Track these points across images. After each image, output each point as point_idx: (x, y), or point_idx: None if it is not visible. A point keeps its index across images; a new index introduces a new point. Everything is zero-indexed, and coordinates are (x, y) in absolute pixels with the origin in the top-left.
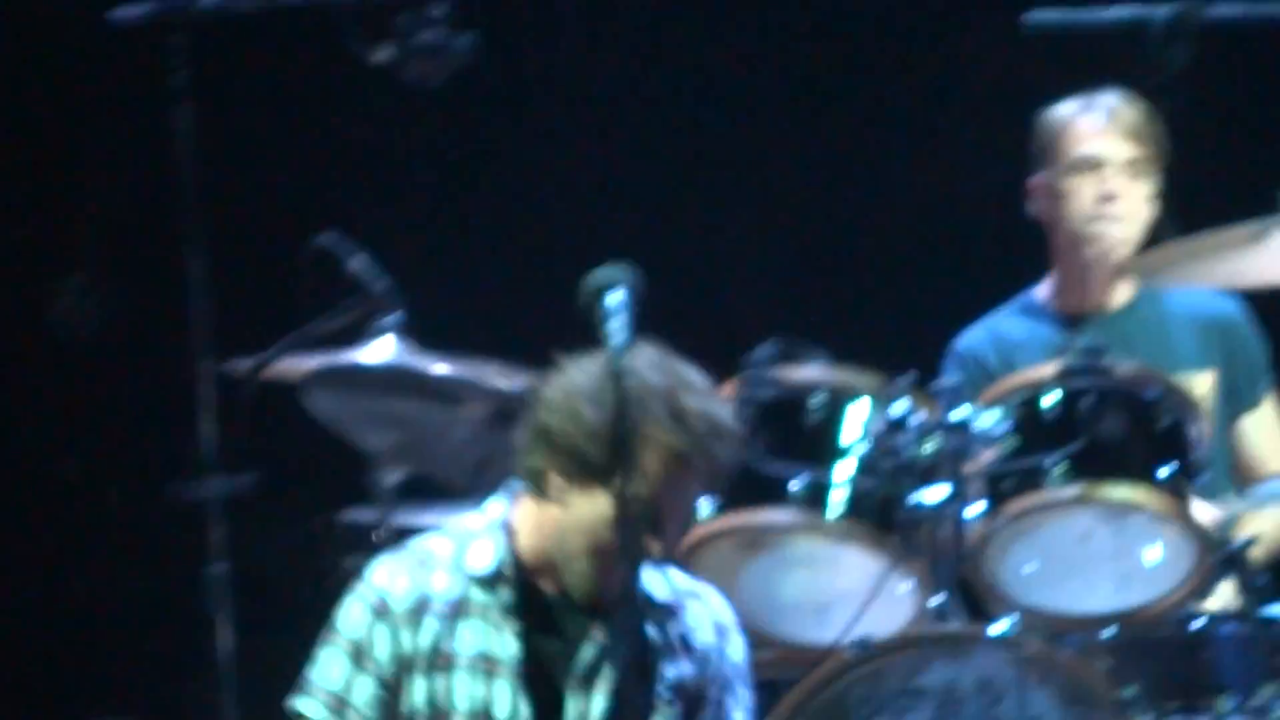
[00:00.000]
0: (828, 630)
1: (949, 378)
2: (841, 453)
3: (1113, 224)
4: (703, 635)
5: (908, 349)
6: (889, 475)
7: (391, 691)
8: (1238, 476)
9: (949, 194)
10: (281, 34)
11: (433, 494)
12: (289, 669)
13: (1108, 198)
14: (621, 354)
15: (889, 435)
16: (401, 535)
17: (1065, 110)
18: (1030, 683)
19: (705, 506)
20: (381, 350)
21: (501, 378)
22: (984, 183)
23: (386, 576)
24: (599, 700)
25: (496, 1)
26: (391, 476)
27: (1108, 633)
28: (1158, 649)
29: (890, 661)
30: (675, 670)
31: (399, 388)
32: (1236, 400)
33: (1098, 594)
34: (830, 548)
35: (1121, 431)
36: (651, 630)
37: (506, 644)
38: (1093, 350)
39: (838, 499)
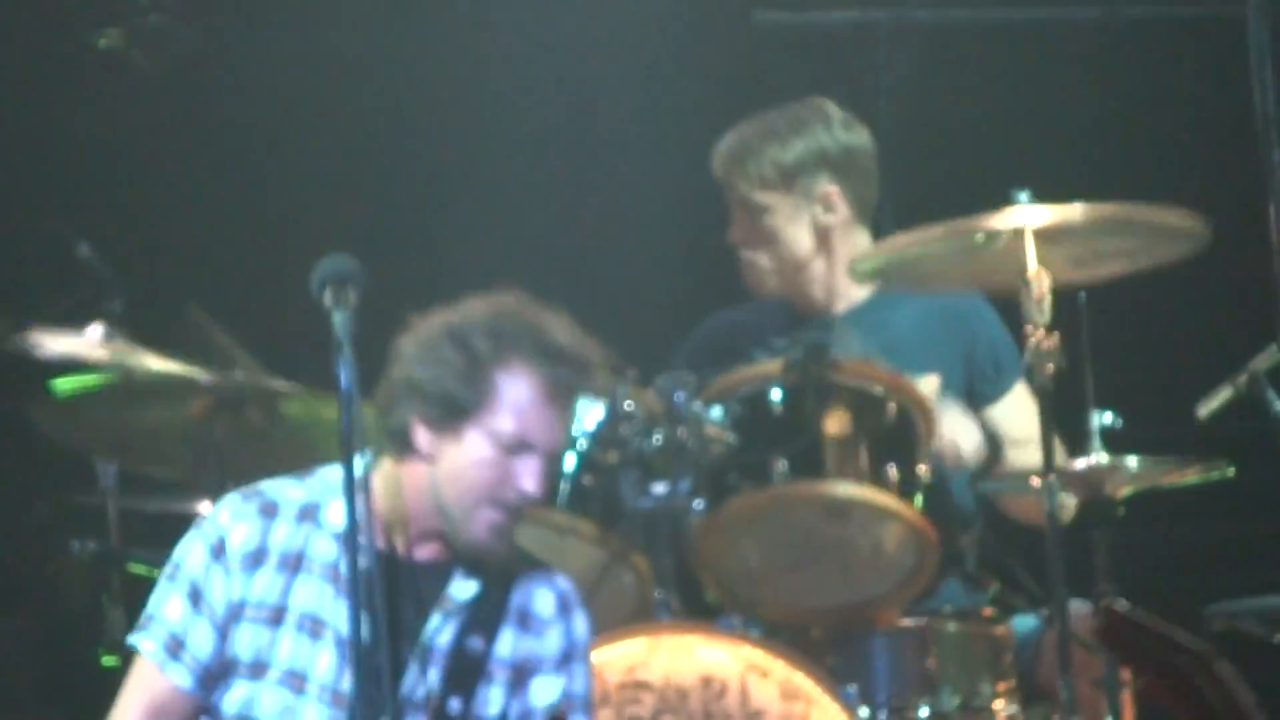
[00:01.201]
0: None
1: (675, 371)
2: (568, 446)
3: (746, 267)
4: (543, 608)
5: (636, 346)
6: (613, 469)
7: (224, 634)
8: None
9: (683, 193)
10: (5, 18)
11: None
12: (15, 645)
13: (733, 245)
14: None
15: (613, 428)
16: (129, 521)
17: (720, 145)
18: (752, 677)
19: None
20: (91, 345)
21: (220, 371)
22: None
23: (229, 518)
24: (436, 671)
25: None
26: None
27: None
28: (879, 645)
29: (613, 655)
30: (512, 642)
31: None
32: (978, 396)
33: (822, 589)
34: (556, 539)
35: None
36: (490, 599)
37: (340, 608)
38: (817, 346)
39: (562, 491)
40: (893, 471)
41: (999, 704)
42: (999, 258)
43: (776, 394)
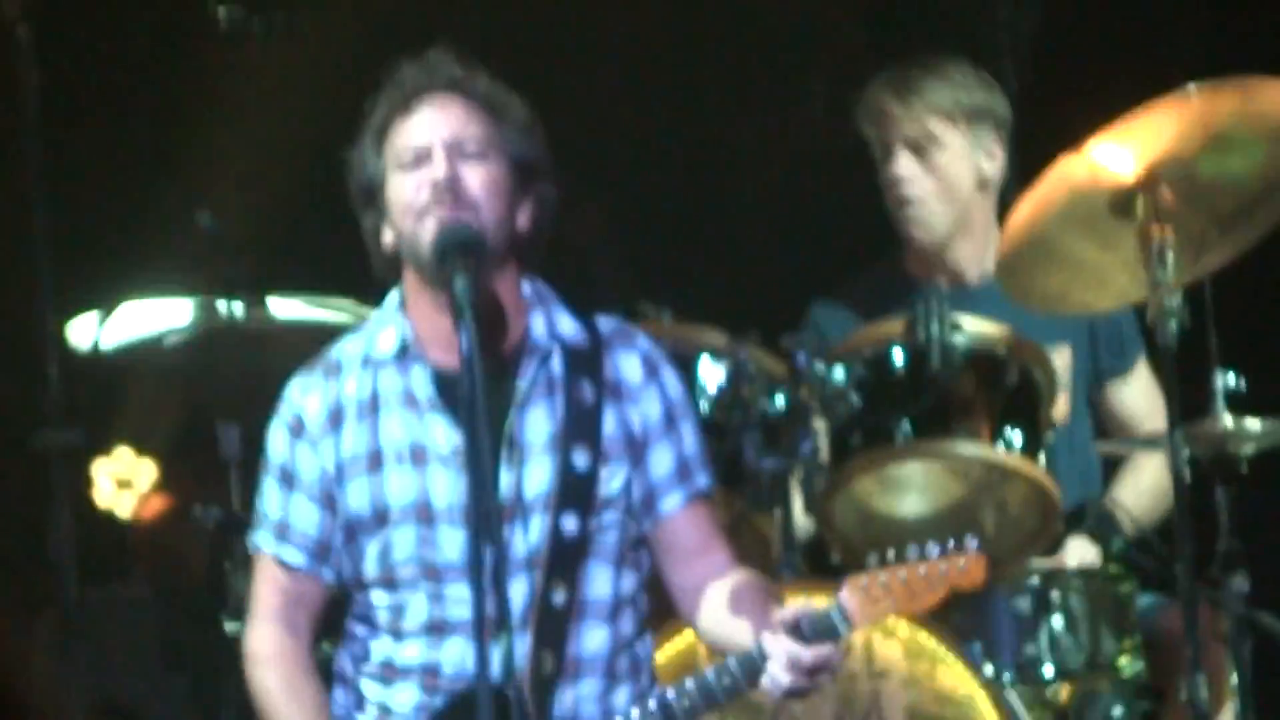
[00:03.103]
0: None
1: (800, 334)
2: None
3: (912, 206)
4: (631, 374)
5: (767, 313)
6: (736, 430)
7: (327, 505)
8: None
9: (808, 159)
10: None
11: None
12: (138, 613)
13: (895, 181)
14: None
15: (735, 390)
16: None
17: (877, 85)
18: (877, 636)
19: None
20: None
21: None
22: (846, 146)
23: (299, 393)
24: (534, 469)
25: None
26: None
27: None
28: (1003, 603)
29: None
30: (614, 418)
31: None
32: (1101, 371)
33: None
34: None
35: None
36: (583, 381)
37: (431, 429)
38: (939, 307)
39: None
40: (1016, 432)
41: (1123, 660)
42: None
43: (899, 355)
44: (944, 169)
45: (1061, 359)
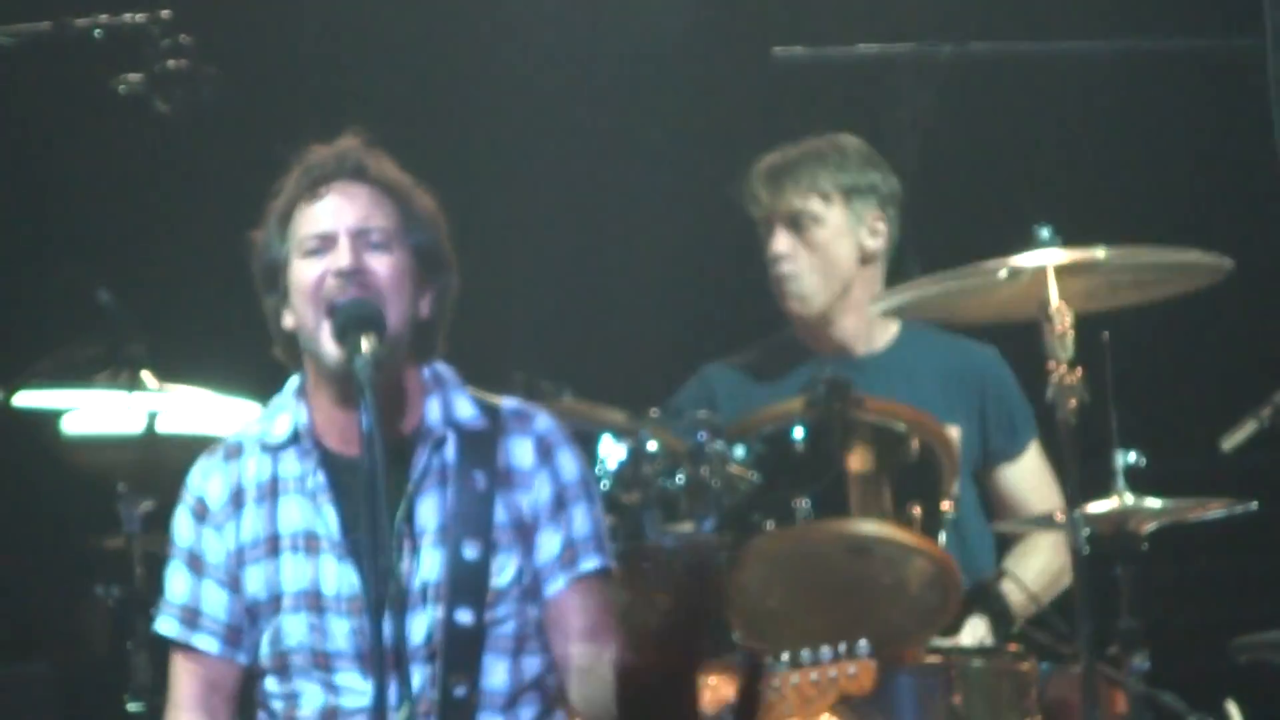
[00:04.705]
0: None
1: (690, 406)
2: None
3: (790, 281)
4: (523, 459)
5: (668, 390)
6: (635, 509)
7: (234, 588)
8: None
9: (707, 237)
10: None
11: None
12: (39, 692)
13: (775, 259)
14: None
15: (635, 468)
16: (153, 565)
17: (757, 166)
18: None
19: None
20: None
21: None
22: (742, 224)
23: (200, 477)
24: (425, 559)
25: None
26: (139, 505)
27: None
28: (905, 682)
29: None
30: (504, 507)
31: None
32: (992, 453)
33: (847, 627)
34: None
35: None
36: (475, 469)
37: (326, 517)
38: (839, 382)
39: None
40: (916, 509)
41: None
42: (1021, 292)
43: (799, 432)
44: (823, 246)
45: (954, 435)
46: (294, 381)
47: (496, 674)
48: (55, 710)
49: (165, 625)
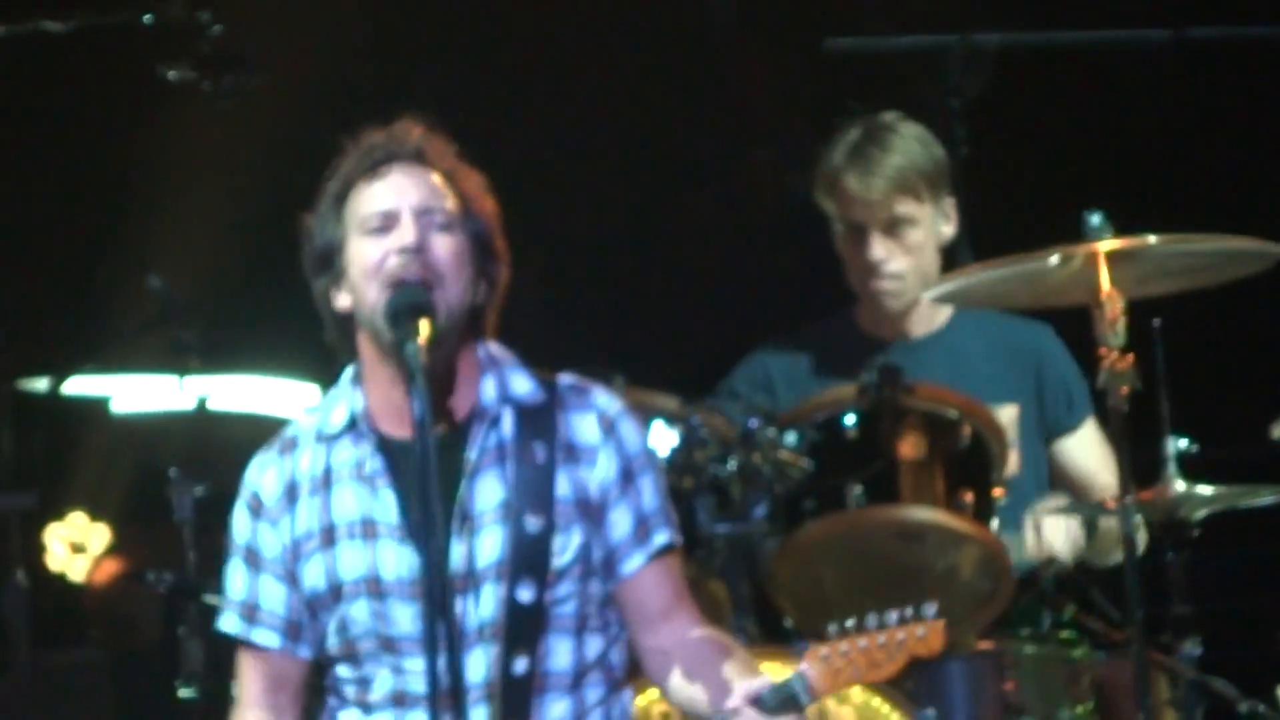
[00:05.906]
0: None
1: (745, 389)
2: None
3: (887, 281)
4: (586, 435)
5: (720, 377)
6: (688, 495)
7: (292, 582)
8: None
9: (757, 220)
10: (81, 50)
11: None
12: (91, 678)
13: (874, 265)
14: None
15: (688, 454)
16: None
17: (835, 162)
18: (830, 702)
19: None
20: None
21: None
22: (792, 208)
23: (256, 472)
24: (486, 538)
25: None
26: (190, 491)
27: None
28: (956, 669)
29: None
30: (568, 482)
31: None
32: (1052, 427)
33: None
34: None
35: None
36: (535, 442)
37: (384, 500)
38: (891, 369)
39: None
40: (968, 495)
41: None
42: (1072, 278)
43: (851, 419)
44: (918, 247)
45: (1008, 416)
46: (349, 371)
47: (560, 654)
48: (107, 697)
49: (227, 622)
